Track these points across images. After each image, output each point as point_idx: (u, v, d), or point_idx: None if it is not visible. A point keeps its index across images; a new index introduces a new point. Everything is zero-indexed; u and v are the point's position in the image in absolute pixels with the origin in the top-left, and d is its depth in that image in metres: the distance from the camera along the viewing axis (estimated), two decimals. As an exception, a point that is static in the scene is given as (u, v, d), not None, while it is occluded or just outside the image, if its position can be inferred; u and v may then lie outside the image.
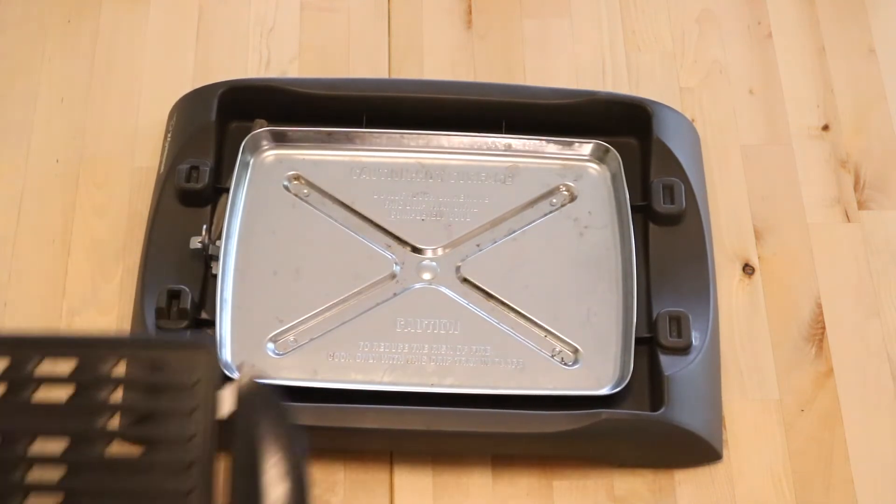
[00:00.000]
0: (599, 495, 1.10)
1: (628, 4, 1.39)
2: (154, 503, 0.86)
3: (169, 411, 0.89)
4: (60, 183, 1.26)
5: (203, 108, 1.23)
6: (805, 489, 1.10)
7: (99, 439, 0.87)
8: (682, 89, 1.33)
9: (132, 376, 0.90)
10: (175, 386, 0.89)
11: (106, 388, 0.89)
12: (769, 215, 1.25)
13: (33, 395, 0.88)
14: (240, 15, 1.38)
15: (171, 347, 0.91)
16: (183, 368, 0.89)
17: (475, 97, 1.26)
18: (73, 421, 0.88)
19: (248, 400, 0.88)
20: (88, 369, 0.89)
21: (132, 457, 0.87)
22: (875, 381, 1.16)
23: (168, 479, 0.86)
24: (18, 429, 0.88)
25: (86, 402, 0.88)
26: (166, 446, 0.87)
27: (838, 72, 1.34)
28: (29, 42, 1.36)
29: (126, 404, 0.89)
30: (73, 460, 0.87)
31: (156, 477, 0.86)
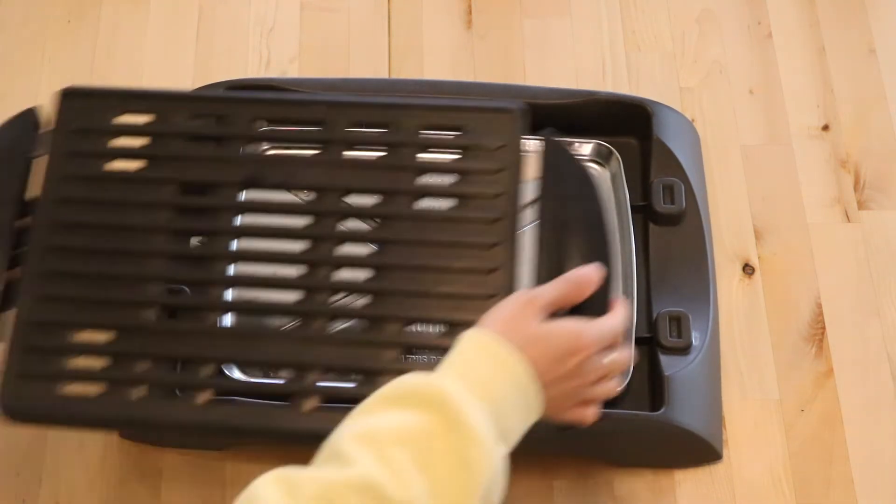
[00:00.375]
0: (599, 495, 1.10)
1: (628, 4, 1.39)
2: (461, 254, 0.95)
3: (477, 171, 0.98)
4: (60, 183, 1.27)
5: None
6: (805, 489, 1.10)
7: (409, 195, 0.98)
8: (682, 89, 1.33)
9: (439, 138, 1.00)
10: (482, 148, 0.98)
11: (413, 148, 0.99)
12: (769, 215, 1.25)
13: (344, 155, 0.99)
14: (240, 15, 1.38)
15: (476, 111, 1.00)
16: (488, 132, 0.99)
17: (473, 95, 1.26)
18: (385, 178, 0.99)
19: (551, 163, 0.97)
20: (398, 132, 1.00)
21: (442, 210, 0.98)
22: (875, 381, 1.16)
23: (475, 232, 0.95)
24: (334, 184, 0.99)
25: (396, 162, 0.99)
26: (474, 203, 0.97)
27: (838, 72, 1.34)
28: (29, 42, 1.36)
29: (434, 163, 0.99)
30: (384, 213, 0.98)
31: (464, 230, 0.96)
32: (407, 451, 0.72)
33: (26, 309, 0.96)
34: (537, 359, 0.81)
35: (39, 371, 0.94)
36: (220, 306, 0.97)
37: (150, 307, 0.96)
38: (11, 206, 0.99)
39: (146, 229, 0.98)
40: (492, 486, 0.74)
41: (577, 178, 0.98)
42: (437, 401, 0.74)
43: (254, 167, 1.00)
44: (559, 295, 0.86)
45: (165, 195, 0.99)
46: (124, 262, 0.97)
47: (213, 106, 1.04)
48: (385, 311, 0.95)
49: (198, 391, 0.93)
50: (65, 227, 0.99)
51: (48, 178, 1.00)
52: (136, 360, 0.94)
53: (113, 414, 0.94)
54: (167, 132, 1.02)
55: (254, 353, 0.94)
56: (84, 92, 1.04)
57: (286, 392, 0.93)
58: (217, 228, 0.99)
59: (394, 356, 0.93)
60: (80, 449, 1.13)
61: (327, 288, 0.96)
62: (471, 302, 0.93)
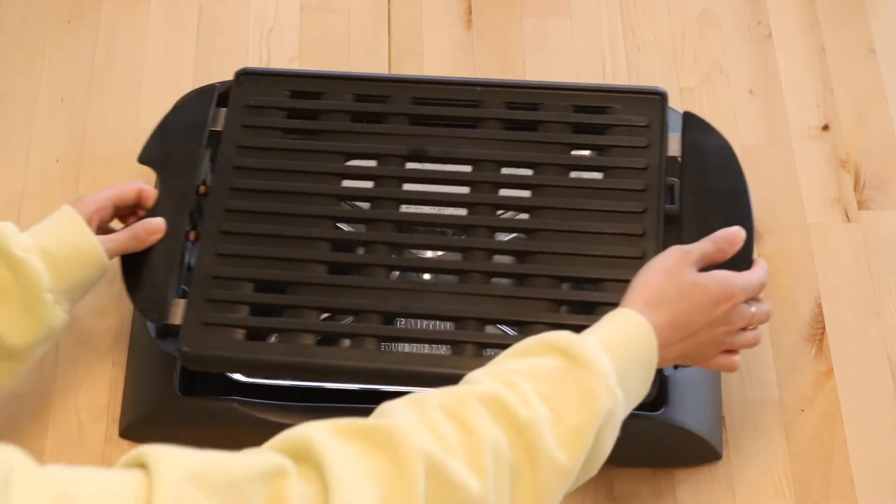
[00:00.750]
0: (599, 495, 1.10)
1: (628, 4, 1.39)
2: (611, 221, 1.06)
3: (625, 146, 1.09)
4: (60, 183, 1.27)
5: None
6: (805, 489, 1.10)
7: (561, 166, 1.09)
8: (682, 89, 1.33)
9: (590, 117, 1.11)
10: (629, 125, 1.10)
11: (567, 125, 1.11)
12: (769, 215, 1.25)
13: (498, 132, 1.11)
14: (240, 15, 1.38)
15: (623, 93, 1.12)
16: (633, 111, 1.11)
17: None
18: (539, 152, 1.10)
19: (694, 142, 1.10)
20: (550, 111, 1.12)
21: (596, 180, 1.09)
22: (875, 381, 1.16)
23: (624, 201, 1.06)
24: (486, 158, 1.10)
25: (551, 138, 1.11)
26: (623, 174, 1.08)
27: (838, 72, 1.34)
28: (29, 42, 1.36)
29: (588, 140, 1.11)
30: (541, 182, 1.08)
31: (613, 199, 1.07)
32: (532, 382, 0.79)
33: (205, 264, 1.05)
34: (693, 305, 0.90)
35: (216, 320, 1.03)
36: (386, 264, 1.06)
37: (319, 264, 1.06)
38: (194, 170, 1.10)
39: (316, 194, 1.09)
40: (607, 423, 0.81)
41: (717, 149, 1.10)
42: (563, 345, 0.82)
43: (417, 141, 1.11)
44: (710, 250, 0.95)
45: (334, 165, 1.10)
46: (295, 224, 1.07)
47: (374, 86, 1.15)
48: (542, 270, 1.05)
49: (364, 339, 1.02)
50: (240, 191, 1.09)
51: (225, 147, 1.11)
52: (305, 311, 1.04)
53: (285, 360, 1.02)
54: (333, 109, 1.13)
55: (417, 305, 1.03)
56: (256, 72, 1.16)
57: (448, 340, 1.03)
58: (384, 194, 1.09)
59: (549, 309, 1.03)
60: (81, 447, 1.12)
61: (487, 248, 1.06)
62: (622, 261, 1.04)
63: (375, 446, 0.72)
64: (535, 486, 0.77)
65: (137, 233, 1.05)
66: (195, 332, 1.02)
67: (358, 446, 0.72)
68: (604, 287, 1.03)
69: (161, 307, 1.04)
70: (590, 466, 0.82)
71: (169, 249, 1.06)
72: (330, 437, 0.72)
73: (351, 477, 0.70)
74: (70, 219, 1.01)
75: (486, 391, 0.78)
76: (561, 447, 0.78)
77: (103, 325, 1.18)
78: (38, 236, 0.99)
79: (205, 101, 1.15)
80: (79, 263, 1.00)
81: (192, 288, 1.04)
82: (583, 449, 0.79)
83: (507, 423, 0.77)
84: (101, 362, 1.17)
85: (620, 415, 0.83)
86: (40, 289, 0.96)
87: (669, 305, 0.90)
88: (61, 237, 0.99)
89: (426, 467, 0.72)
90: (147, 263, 1.06)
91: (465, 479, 0.73)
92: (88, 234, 1.00)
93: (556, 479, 0.77)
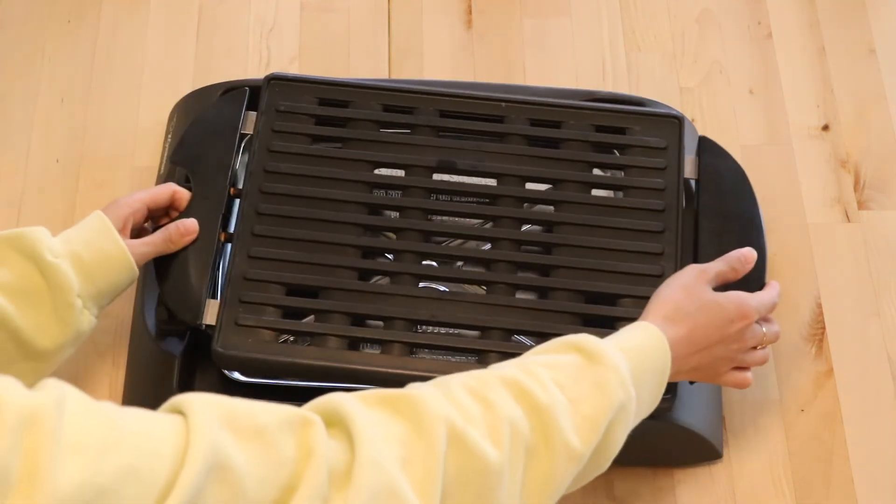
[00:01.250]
0: (599, 495, 1.10)
1: (628, 4, 1.39)
2: (630, 238, 1.09)
3: (643, 166, 1.12)
4: (60, 183, 1.26)
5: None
6: (805, 489, 1.10)
7: (583, 183, 1.13)
8: (682, 89, 1.33)
9: (609, 137, 1.14)
10: (648, 146, 1.13)
11: (587, 144, 1.14)
12: (769, 215, 1.25)
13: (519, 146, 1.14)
14: (240, 15, 1.38)
15: (642, 116, 1.15)
16: (650, 133, 1.14)
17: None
18: (561, 169, 1.13)
19: (709, 165, 1.14)
20: (571, 129, 1.15)
21: (616, 198, 1.12)
22: (875, 381, 1.16)
23: (643, 219, 1.10)
24: (510, 172, 1.13)
25: (573, 156, 1.13)
26: (642, 193, 1.11)
27: (838, 72, 1.34)
28: (29, 42, 1.36)
29: (605, 158, 1.14)
30: (563, 198, 1.12)
31: (633, 218, 1.10)
32: (551, 372, 0.84)
33: (238, 266, 1.07)
34: (709, 321, 0.95)
35: (249, 322, 1.04)
36: (415, 272, 1.09)
37: (349, 270, 1.08)
38: (226, 173, 1.11)
39: (346, 201, 1.10)
40: (618, 417, 0.84)
41: (731, 173, 1.13)
42: (581, 344, 0.87)
43: (444, 153, 1.13)
44: (725, 269, 1.00)
45: (363, 174, 1.12)
46: (326, 229, 1.09)
47: (401, 97, 1.16)
48: (565, 284, 1.08)
49: (391, 345, 1.04)
50: (271, 195, 1.10)
51: (257, 151, 1.12)
52: (335, 316, 1.05)
53: (317, 363, 1.03)
54: (361, 118, 1.15)
55: (444, 314, 1.06)
56: (286, 78, 1.16)
57: (474, 349, 1.05)
58: (414, 204, 1.11)
59: (571, 322, 1.05)
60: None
61: (512, 260, 1.09)
62: (642, 279, 1.07)
63: (400, 413, 0.77)
64: (548, 467, 0.80)
65: (170, 234, 1.07)
66: (228, 333, 1.04)
67: (384, 412, 0.77)
68: (624, 303, 1.07)
69: (195, 308, 1.05)
70: (599, 460, 0.85)
71: (202, 251, 1.07)
72: (357, 403, 0.76)
73: (376, 437, 0.73)
74: (101, 224, 1.02)
75: (507, 375, 0.82)
76: (575, 432, 0.81)
77: (103, 324, 1.17)
78: (69, 242, 1.00)
79: (235, 103, 1.15)
80: (108, 269, 1.01)
81: (226, 289, 1.05)
82: (595, 437, 0.83)
83: (526, 404, 0.80)
84: (101, 362, 1.17)
85: (632, 413, 0.86)
86: (70, 293, 0.98)
87: (686, 320, 0.94)
88: (91, 243, 1.01)
89: (448, 434, 0.76)
90: (180, 265, 1.07)
91: (484, 448, 0.77)
92: (118, 241, 1.02)
93: (567, 463, 0.81)
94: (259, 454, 0.70)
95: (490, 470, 0.77)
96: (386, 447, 0.74)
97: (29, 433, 0.62)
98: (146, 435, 0.67)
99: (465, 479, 0.76)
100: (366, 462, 0.72)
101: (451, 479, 0.76)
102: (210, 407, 0.70)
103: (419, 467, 0.74)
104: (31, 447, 0.61)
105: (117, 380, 1.15)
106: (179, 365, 1.08)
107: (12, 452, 0.61)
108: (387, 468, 0.72)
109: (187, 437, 0.67)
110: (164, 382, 1.09)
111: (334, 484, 0.71)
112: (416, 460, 0.75)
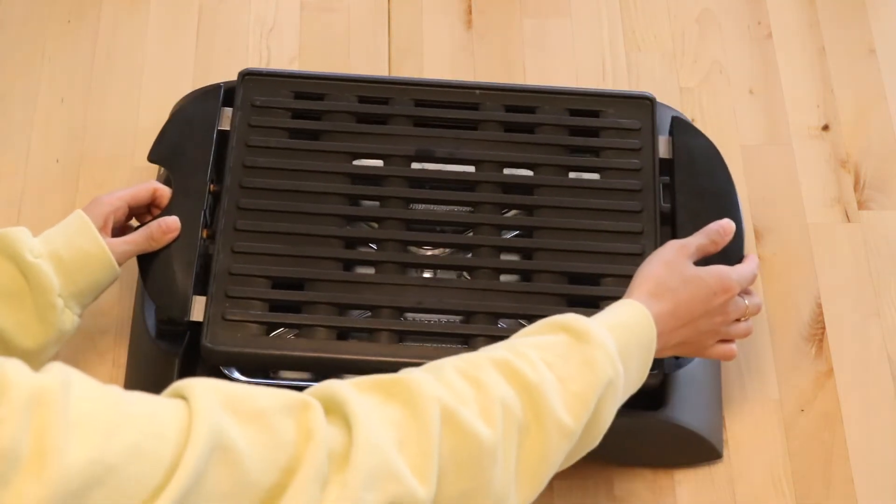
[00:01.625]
0: (599, 495, 1.10)
1: (628, 4, 1.39)
2: (610, 218, 1.11)
3: (618, 147, 1.14)
4: (60, 183, 1.26)
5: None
6: (805, 489, 1.10)
7: (560, 167, 1.14)
8: (682, 89, 1.33)
9: (584, 120, 1.16)
10: (622, 128, 1.15)
11: (563, 128, 1.16)
12: (769, 215, 1.25)
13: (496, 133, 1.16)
14: (240, 15, 1.38)
15: (615, 98, 1.17)
16: (624, 115, 1.16)
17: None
18: (538, 154, 1.15)
19: (683, 144, 1.15)
20: (547, 114, 1.16)
21: (595, 181, 1.14)
22: (875, 381, 1.16)
23: (621, 200, 1.12)
24: (488, 158, 1.14)
25: (550, 140, 1.15)
26: (619, 174, 1.13)
27: (838, 72, 1.34)
28: (29, 42, 1.36)
29: (581, 142, 1.15)
30: (543, 182, 1.13)
31: (611, 198, 1.12)
32: (539, 352, 0.85)
33: (222, 262, 1.08)
34: (693, 295, 0.96)
35: (237, 316, 1.05)
36: (399, 261, 1.10)
37: (333, 261, 1.09)
38: (205, 170, 1.12)
39: (326, 193, 1.12)
40: (607, 393, 0.86)
41: (705, 150, 1.15)
42: (567, 323, 0.88)
43: (421, 142, 1.15)
44: (705, 242, 1.01)
45: (342, 165, 1.13)
46: (308, 221, 1.10)
47: (375, 88, 1.17)
48: (548, 266, 1.09)
49: (379, 333, 1.06)
50: (251, 189, 1.11)
51: (235, 146, 1.13)
52: (322, 307, 1.06)
53: (306, 355, 1.05)
54: (337, 110, 1.16)
55: (430, 300, 1.07)
56: (261, 73, 1.17)
57: (461, 334, 1.06)
58: (394, 193, 1.12)
59: (555, 303, 1.07)
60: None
61: (495, 245, 1.11)
62: (623, 258, 1.09)
63: (394, 397, 0.78)
64: (541, 445, 0.82)
65: (152, 232, 1.07)
66: (217, 328, 1.05)
67: (378, 397, 0.78)
68: (606, 282, 1.08)
69: (182, 305, 1.06)
70: (590, 436, 0.86)
71: (186, 247, 1.08)
72: (351, 389, 0.77)
73: (372, 420, 0.75)
74: (81, 223, 1.02)
75: (497, 357, 0.84)
76: (566, 410, 0.83)
77: (103, 325, 1.18)
78: (50, 241, 1.01)
79: (210, 100, 1.16)
80: (88, 268, 1.01)
81: (212, 286, 1.06)
82: (585, 413, 0.84)
83: (517, 384, 0.82)
84: (101, 362, 1.17)
85: (621, 388, 0.88)
86: (51, 293, 0.98)
87: (670, 295, 0.95)
88: (72, 242, 1.01)
89: (441, 415, 0.77)
90: (165, 262, 1.07)
91: (477, 428, 0.78)
92: (98, 239, 1.02)
93: (559, 440, 0.82)
94: (260, 436, 0.71)
95: (484, 449, 0.78)
96: (382, 430, 0.75)
97: (37, 413, 0.63)
98: (150, 416, 0.68)
99: (460, 459, 0.77)
100: (363, 444, 0.73)
101: (447, 459, 0.77)
102: (211, 391, 0.71)
103: (415, 448, 0.76)
104: (39, 426, 0.63)
105: (117, 380, 1.15)
106: (179, 364, 1.08)
107: (21, 431, 0.62)
108: (384, 449, 0.74)
109: (190, 419, 0.69)
110: (164, 382, 1.08)
111: (333, 465, 0.73)
112: (412, 441, 0.76)
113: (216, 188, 1.12)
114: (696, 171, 1.14)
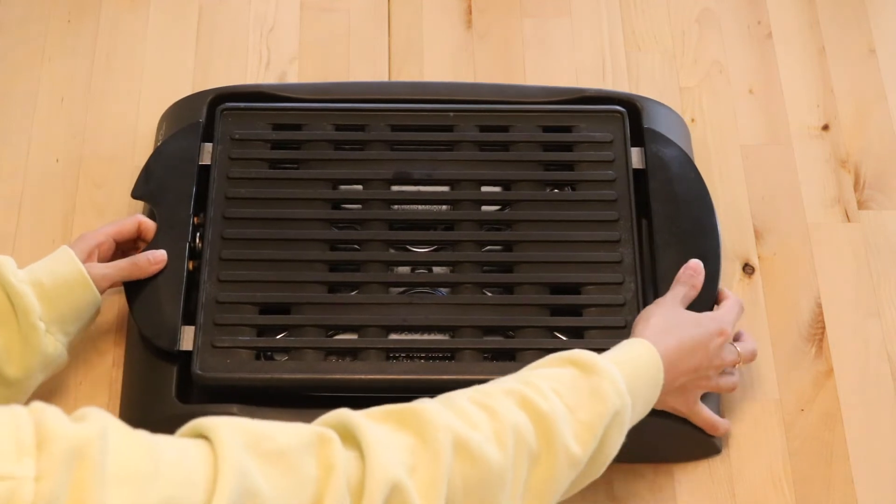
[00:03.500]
0: (599, 495, 1.10)
1: (628, 4, 1.39)
2: (588, 229, 1.13)
3: (592, 160, 1.17)
4: (60, 183, 1.27)
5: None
6: (805, 489, 1.10)
7: (536, 182, 1.17)
8: (682, 89, 1.33)
9: (553, 136, 1.19)
10: (595, 142, 1.18)
11: (537, 144, 1.18)
12: (769, 215, 1.25)
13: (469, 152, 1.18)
14: (240, 15, 1.38)
15: (586, 113, 1.20)
16: (596, 129, 1.19)
17: (466, 97, 1.26)
18: (514, 170, 1.17)
19: (655, 157, 1.17)
20: (521, 131, 1.19)
21: (567, 193, 1.17)
22: (875, 381, 1.16)
23: (598, 210, 1.15)
24: (466, 178, 1.17)
25: (524, 157, 1.18)
26: (594, 186, 1.16)
27: (838, 72, 1.34)
28: (29, 42, 1.36)
29: (555, 157, 1.18)
30: (520, 198, 1.16)
31: (588, 209, 1.15)
32: (549, 382, 0.87)
33: (209, 291, 1.10)
34: (694, 336, 0.99)
35: (226, 343, 1.07)
36: (383, 281, 1.12)
37: (318, 285, 1.11)
38: (188, 203, 1.14)
39: (308, 219, 1.14)
40: (614, 423, 0.88)
41: (677, 159, 1.17)
42: (575, 358, 0.90)
43: (399, 165, 1.17)
44: (685, 289, 1.06)
45: (322, 191, 1.16)
46: (290, 248, 1.13)
47: (351, 116, 1.20)
48: (532, 278, 1.12)
49: (368, 353, 1.07)
50: (234, 220, 1.14)
51: (216, 179, 1.15)
52: (310, 329, 1.09)
53: (297, 377, 1.06)
54: (315, 139, 1.18)
55: (416, 317, 1.09)
56: (239, 108, 1.20)
57: (448, 349, 1.08)
58: (375, 216, 1.15)
59: (539, 314, 1.09)
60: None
61: (478, 261, 1.13)
62: (603, 266, 1.12)
63: (406, 425, 0.81)
64: (550, 472, 0.84)
65: (138, 261, 1.09)
66: (206, 356, 1.07)
67: (390, 425, 0.81)
68: (587, 290, 1.11)
69: (171, 335, 1.08)
70: (595, 465, 0.88)
71: (173, 279, 1.10)
72: (364, 418, 0.80)
73: (384, 447, 0.77)
74: (63, 253, 1.05)
75: (508, 387, 0.86)
76: (575, 438, 0.85)
77: (103, 325, 1.18)
78: (33, 271, 1.03)
79: (190, 136, 1.18)
80: (68, 291, 1.04)
81: (200, 315, 1.08)
82: (592, 443, 0.87)
83: (529, 411, 0.84)
84: (101, 362, 1.17)
85: (627, 420, 0.90)
86: (32, 314, 1.01)
87: (674, 332, 0.99)
88: (53, 271, 1.04)
89: (453, 442, 0.80)
90: (153, 294, 1.10)
91: (487, 451, 0.80)
92: (76, 263, 1.05)
93: (567, 469, 0.85)
94: (283, 476, 0.73)
95: (493, 472, 0.80)
96: (393, 456, 0.77)
97: (76, 467, 0.64)
98: (179, 463, 0.69)
99: (470, 484, 0.80)
100: (376, 470, 0.75)
101: (457, 486, 0.79)
102: (233, 431, 0.73)
103: (425, 474, 0.78)
104: (78, 481, 0.64)
105: (117, 380, 1.15)
106: (177, 371, 1.09)
107: (61, 486, 0.63)
108: (395, 474, 0.76)
109: (215, 464, 0.70)
110: (162, 389, 1.09)
111: (351, 495, 0.75)
112: (422, 467, 0.78)
113: (200, 220, 1.14)
114: (669, 178, 1.16)
